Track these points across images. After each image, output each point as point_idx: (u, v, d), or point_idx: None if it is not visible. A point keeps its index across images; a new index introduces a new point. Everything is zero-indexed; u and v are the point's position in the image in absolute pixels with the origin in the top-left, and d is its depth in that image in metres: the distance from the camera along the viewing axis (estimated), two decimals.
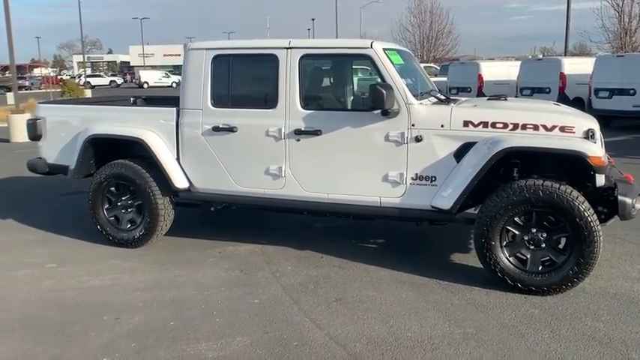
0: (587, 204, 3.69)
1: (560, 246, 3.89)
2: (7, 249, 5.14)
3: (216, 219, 5.88)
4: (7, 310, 3.81)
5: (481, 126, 3.99)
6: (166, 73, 53.04)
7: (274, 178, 4.54)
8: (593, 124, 3.96)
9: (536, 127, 3.90)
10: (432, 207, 4.16)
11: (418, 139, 4.12)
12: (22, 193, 7.49)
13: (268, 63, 4.46)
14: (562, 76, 14.82)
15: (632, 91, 12.56)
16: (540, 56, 43.02)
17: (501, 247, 3.91)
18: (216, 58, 4.62)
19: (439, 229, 5.04)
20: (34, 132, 5.33)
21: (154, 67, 65.33)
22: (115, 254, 4.90)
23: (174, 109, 4.80)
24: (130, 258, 4.81)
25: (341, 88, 4.70)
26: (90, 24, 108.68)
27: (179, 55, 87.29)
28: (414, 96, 4.19)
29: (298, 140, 4.40)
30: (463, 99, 4.93)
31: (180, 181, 4.78)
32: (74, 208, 6.57)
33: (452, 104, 4.29)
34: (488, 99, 4.78)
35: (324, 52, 4.47)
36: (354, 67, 5.23)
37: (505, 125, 3.94)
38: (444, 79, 19.17)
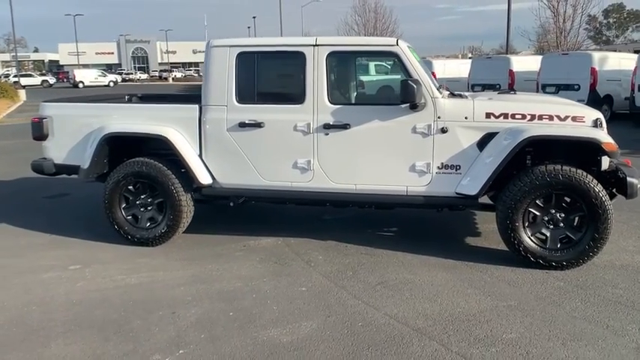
0: (600, 185, 4.11)
1: (575, 224, 4.29)
2: (18, 253, 4.97)
3: (227, 215, 5.95)
4: (53, 312, 3.74)
5: (502, 117, 4.33)
6: (102, 72, 51.05)
7: (302, 171, 4.68)
8: (599, 114, 4.40)
9: (551, 118, 4.29)
10: (457, 193, 4.46)
11: (444, 131, 4.41)
12: (2, 198, 7.17)
13: (295, 60, 4.60)
14: (511, 73, 15.76)
15: (576, 87, 13.59)
16: (470, 55, 45.17)
17: (524, 227, 4.28)
18: (240, 55, 4.70)
19: (441, 216, 5.39)
20: (40, 132, 5.17)
21: (85, 66, 62.71)
22: (137, 253, 4.87)
23: (197, 105, 4.84)
24: (155, 256, 4.80)
25: (367, 84, 4.91)
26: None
27: (112, 53, 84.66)
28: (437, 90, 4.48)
29: (327, 134, 4.58)
30: (468, 93, 5.29)
31: (204, 177, 4.83)
32: (67, 211, 6.42)
33: (469, 98, 4.62)
34: (499, 93, 5.15)
35: (350, 50, 4.67)
36: (357, 63, 5.48)
37: (523, 116, 4.31)
38: (398, 76, 19.73)
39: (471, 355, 3.09)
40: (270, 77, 4.83)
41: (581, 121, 4.30)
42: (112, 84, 48.21)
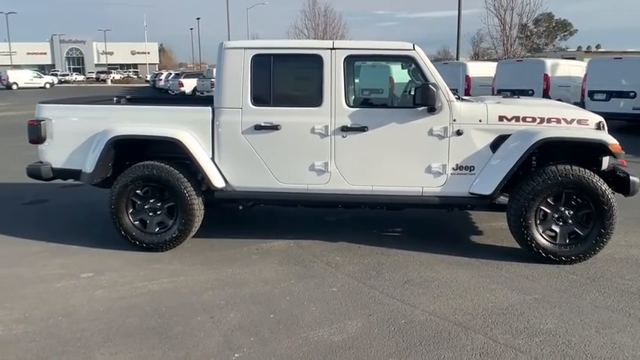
0: (606, 184, 4.41)
1: (582, 220, 4.57)
2: (18, 263, 4.70)
3: (232, 218, 5.89)
4: (82, 322, 3.59)
5: (514, 120, 4.56)
6: (38, 74, 48.54)
7: (319, 173, 4.72)
8: (601, 118, 4.71)
9: (558, 121, 4.56)
10: (471, 194, 4.65)
11: (459, 133, 4.58)
12: None
13: (312, 63, 4.64)
14: (467, 79, 16.39)
15: (530, 92, 14.30)
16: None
17: (536, 225, 4.51)
18: (255, 57, 4.68)
19: (442, 216, 5.63)
20: (38, 134, 4.91)
21: (16, 67, 59.52)
22: (148, 259, 4.73)
23: (209, 107, 4.78)
24: (168, 261, 4.68)
25: (384, 87, 5.01)
26: None
27: (45, 53, 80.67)
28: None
29: (344, 137, 4.64)
30: (474, 97, 5.51)
31: (217, 180, 4.76)
32: (54, 217, 6.13)
33: (479, 101, 4.82)
34: (503, 96, 5.40)
35: (368, 54, 4.76)
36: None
37: (534, 119, 4.55)
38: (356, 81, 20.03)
39: (518, 345, 3.24)
40: (286, 80, 4.83)
41: (585, 124, 4.59)
42: (48, 86, 45.96)
